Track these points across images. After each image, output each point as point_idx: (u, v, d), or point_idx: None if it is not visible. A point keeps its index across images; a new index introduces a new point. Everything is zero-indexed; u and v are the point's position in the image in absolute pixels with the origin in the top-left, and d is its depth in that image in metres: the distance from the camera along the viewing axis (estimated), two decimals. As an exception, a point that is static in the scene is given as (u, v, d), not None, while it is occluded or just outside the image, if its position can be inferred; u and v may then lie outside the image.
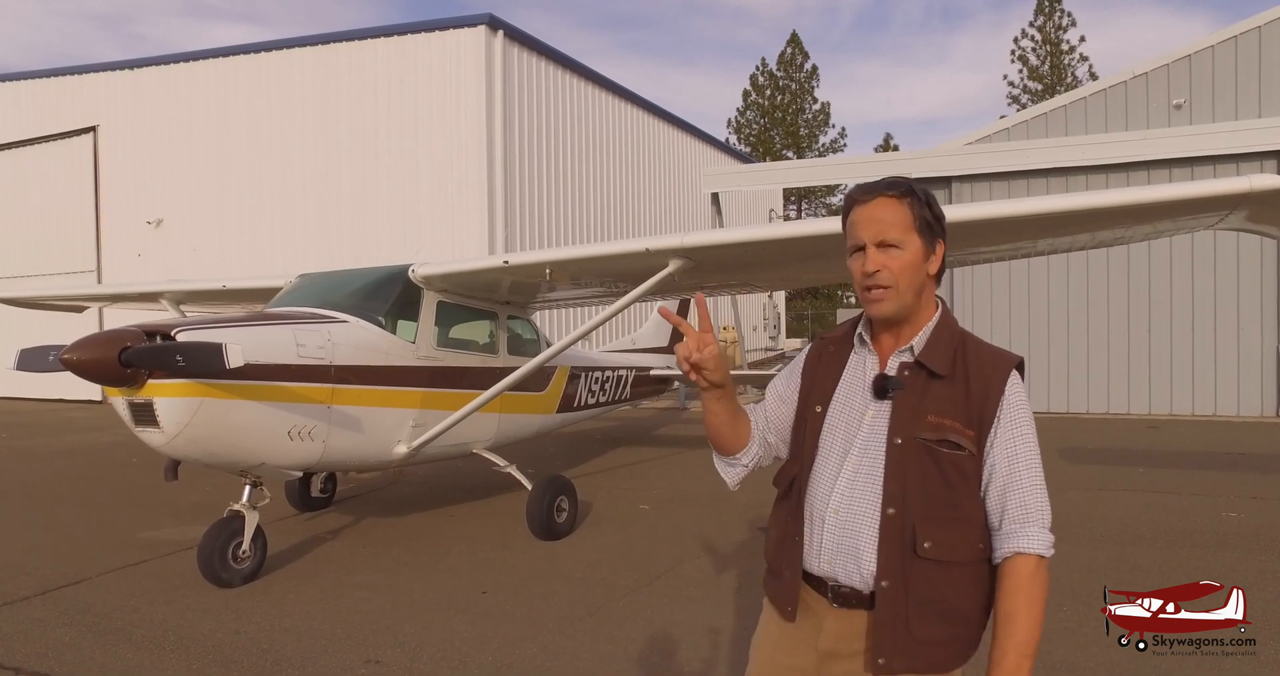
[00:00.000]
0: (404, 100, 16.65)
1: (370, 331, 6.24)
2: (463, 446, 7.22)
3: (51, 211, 21.58)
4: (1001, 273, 14.79)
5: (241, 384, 5.30)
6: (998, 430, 1.78)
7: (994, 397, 1.78)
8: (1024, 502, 1.75)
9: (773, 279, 7.55)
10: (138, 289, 8.60)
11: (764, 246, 5.47)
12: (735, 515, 7.48)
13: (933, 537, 1.75)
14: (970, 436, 1.77)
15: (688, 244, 5.50)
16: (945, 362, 1.83)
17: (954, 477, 1.76)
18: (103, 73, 20.88)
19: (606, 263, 5.96)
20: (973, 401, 1.78)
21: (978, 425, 1.78)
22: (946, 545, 1.75)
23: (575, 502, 7.14)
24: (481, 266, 6.27)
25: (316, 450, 5.83)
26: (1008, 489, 1.76)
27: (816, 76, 54.47)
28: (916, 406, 1.80)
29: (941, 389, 1.81)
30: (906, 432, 1.78)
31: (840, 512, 1.83)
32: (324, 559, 6.49)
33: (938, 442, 1.76)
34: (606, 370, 10.08)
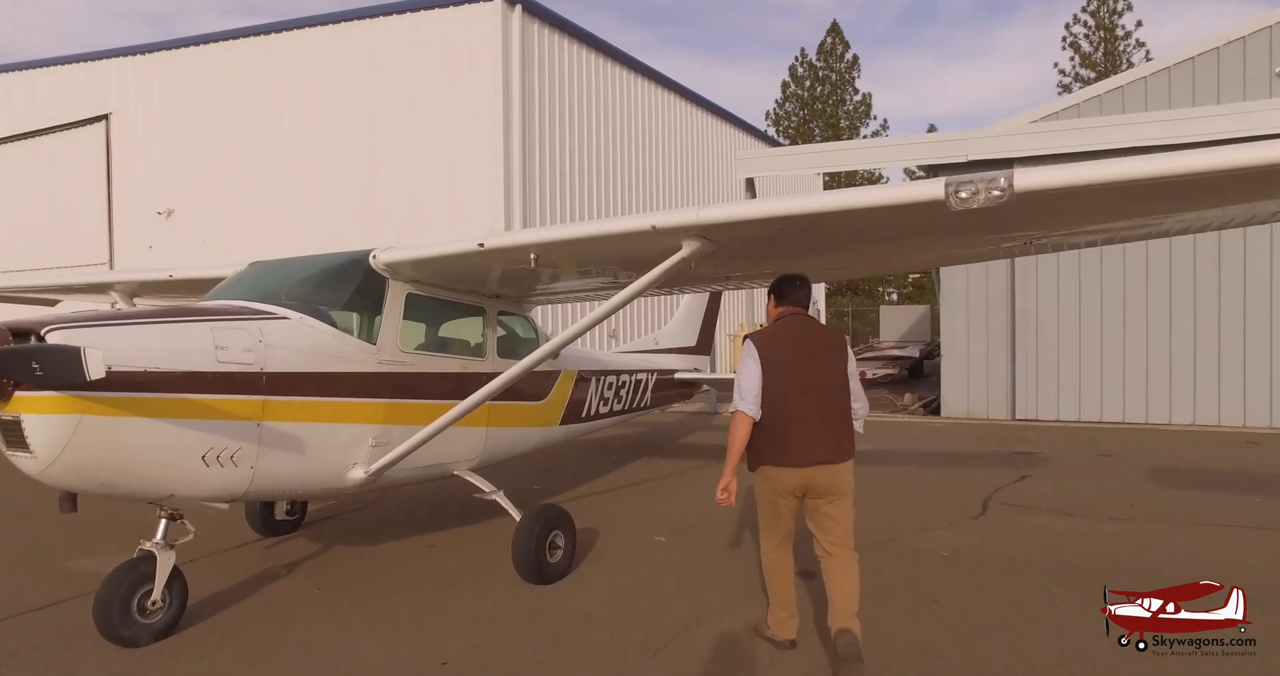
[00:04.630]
0: (416, 80, 15.62)
1: (317, 330, 5.08)
2: (440, 467, 6.05)
3: (64, 203, 20.95)
4: (1069, 266, 13.26)
5: (135, 397, 4.17)
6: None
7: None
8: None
9: (813, 268, 6.23)
10: (86, 279, 7.58)
11: (799, 223, 4.19)
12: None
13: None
14: None
15: (704, 220, 4.24)
16: None
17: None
18: (115, 59, 20.16)
19: (604, 245, 4.74)
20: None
21: None
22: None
23: (573, 537, 5.93)
24: (453, 250, 5.08)
25: (242, 477, 4.68)
26: None
27: (858, 67, 52.70)
28: None
29: None
30: None
31: None
32: (265, 605, 5.36)
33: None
34: (622, 374, 8.86)
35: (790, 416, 4.11)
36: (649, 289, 4.75)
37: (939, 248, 5.17)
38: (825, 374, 4.20)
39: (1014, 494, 8.33)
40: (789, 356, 4.17)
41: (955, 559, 6.12)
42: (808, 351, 4.20)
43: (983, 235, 4.66)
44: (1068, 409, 13.61)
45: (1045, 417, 13.78)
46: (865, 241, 4.98)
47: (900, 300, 48.53)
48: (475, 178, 14.95)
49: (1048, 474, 9.43)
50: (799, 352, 4.19)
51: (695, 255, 4.50)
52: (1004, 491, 8.44)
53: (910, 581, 5.59)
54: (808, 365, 4.18)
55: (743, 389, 4.12)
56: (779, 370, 4.13)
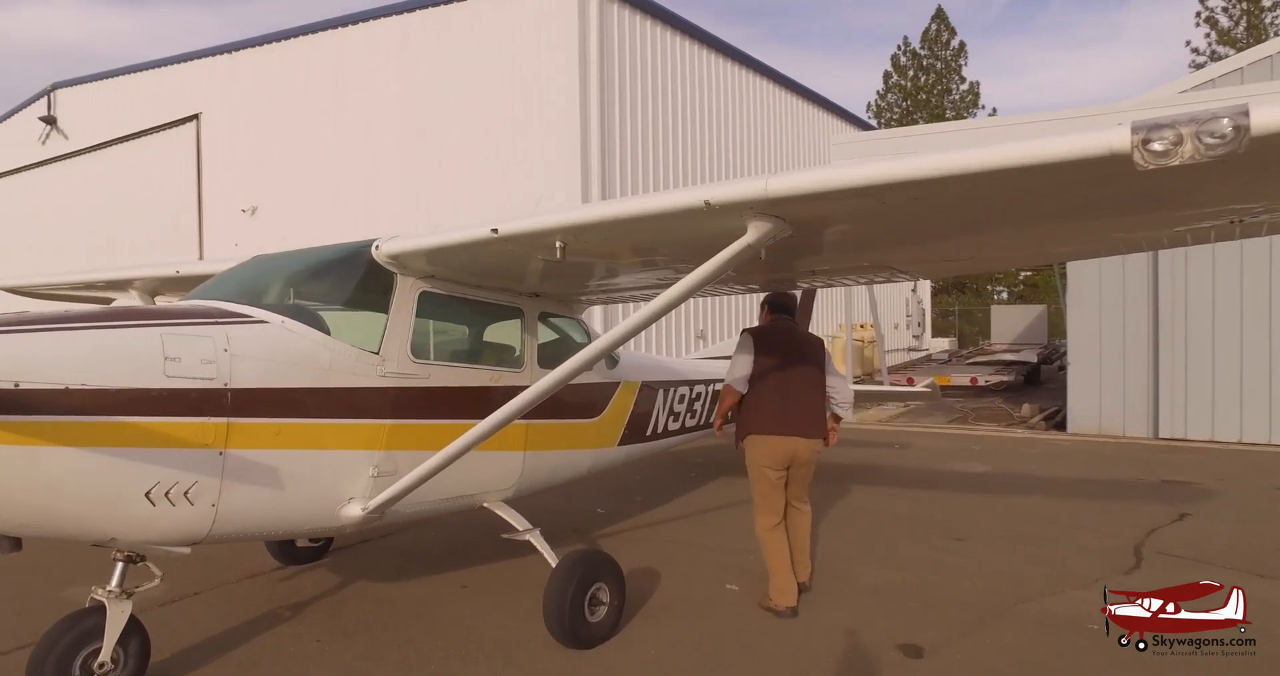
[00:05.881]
0: (489, 67, 14.86)
1: (301, 337, 4.15)
2: (465, 499, 5.06)
3: (158, 202, 21.24)
4: (1229, 254, 11.35)
5: (51, 422, 3.32)
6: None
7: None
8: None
9: (921, 261, 4.95)
10: (105, 275, 6.99)
11: (906, 193, 2.98)
12: (859, 608, 5.00)
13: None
14: None
15: (775, 193, 3.07)
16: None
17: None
18: (205, 59, 20.27)
19: (648, 230, 3.63)
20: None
21: None
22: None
23: (621, 591, 4.85)
24: (464, 238, 4.06)
25: (201, 517, 3.79)
26: None
27: (964, 54, 49.72)
28: None
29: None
30: None
31: None
32: (250, 660, 4.50)
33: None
34: (696, 384, 7.71)
35: (777, 395, 5.13)
36: (702, 287, 3.61)
37: (1101, 230, 3.81)
38: (805, 367, 5.24)
39: (1174, 539, 6.77)
40: (779, 349, 5.23)
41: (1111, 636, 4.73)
42: (793, 347, 5.30)
43: (1174, 210, 3.32)
44: (1226, 427, 11.63)
45: (1197, 437, 11.83)
46: (997, 223, 3.70)
47: (1011, 299, 45.45)
48: (552, 165, 14.08)
49: (1214, 512, 7.76)
50: (786, 348, 5.26)
51: (765, 240, 3.33)
52: (1160, 535, 6.89)
53: (1049, 670, 4.27)
54: (792, 358, 5.22)
55: (735, 371, 5.20)
56: (769, 359, 5.18)
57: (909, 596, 5.42)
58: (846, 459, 11.30)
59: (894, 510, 8.00)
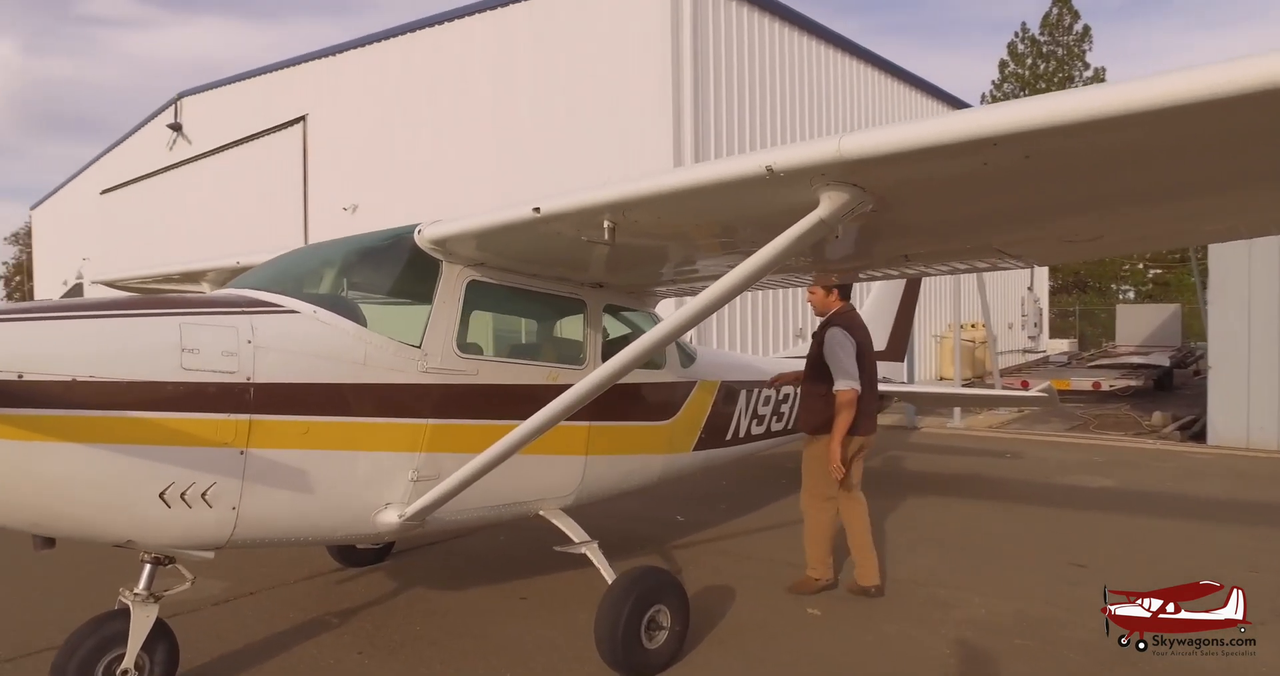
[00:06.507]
0: (582, 60, 14.56)
1: (334, 328, 3.83)
2: (518, 506, 4.66)
3: (269, 202, 21.99)
4: None
5: (56, 415, 3.08)
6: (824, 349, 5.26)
7: (822, 337, 5.31)
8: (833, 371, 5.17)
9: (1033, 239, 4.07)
10: (179, 268, 6.96)
11: (1021, 148, 2.35)
12: (962, 643, 4.32)
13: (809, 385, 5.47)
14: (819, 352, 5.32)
15: (849, 154, 2.48)
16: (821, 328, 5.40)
17: (816, 366, 5.39)
18: (312, 61, 20.85)
19: (705, 204, 3.10)
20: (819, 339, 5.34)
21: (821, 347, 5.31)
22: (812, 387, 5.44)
23: (684, 614, 4.36)
24: (507, 218, 3.64)
25: (221, 521, 3.51)
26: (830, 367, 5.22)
27: (1089, 39, 46.55)
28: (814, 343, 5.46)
29: (818, 336, 5.37)
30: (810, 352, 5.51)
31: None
32: (285, 671, 4.23)
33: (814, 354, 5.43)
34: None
35: (869, 395, 5.37)
36: (768, 271, 3.06)
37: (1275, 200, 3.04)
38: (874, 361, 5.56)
39: (1346, 575, 5.78)
40: (866, 344, 5.44)
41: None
42: (868, 338, 5.53)
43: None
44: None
45: (1365, 454, 10.41)
46: (1137, 191, 2.99)
47: (1139, 298, 42.29)
48: (645, 158, 13.66)
49: (1395, 544, 6.65)
50: (866, 340, 5.48)
51: (840, 214, 2.76)
52: (1329, 570, 5.90)
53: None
54: (869, 351, 5.47)
55: (851, 370, 5.25)
56: (866, 357, 5.39)
57: (1020, 632, 4.71)
58: (950, 468, 10.43)
59: (1004, 529, 7.18)
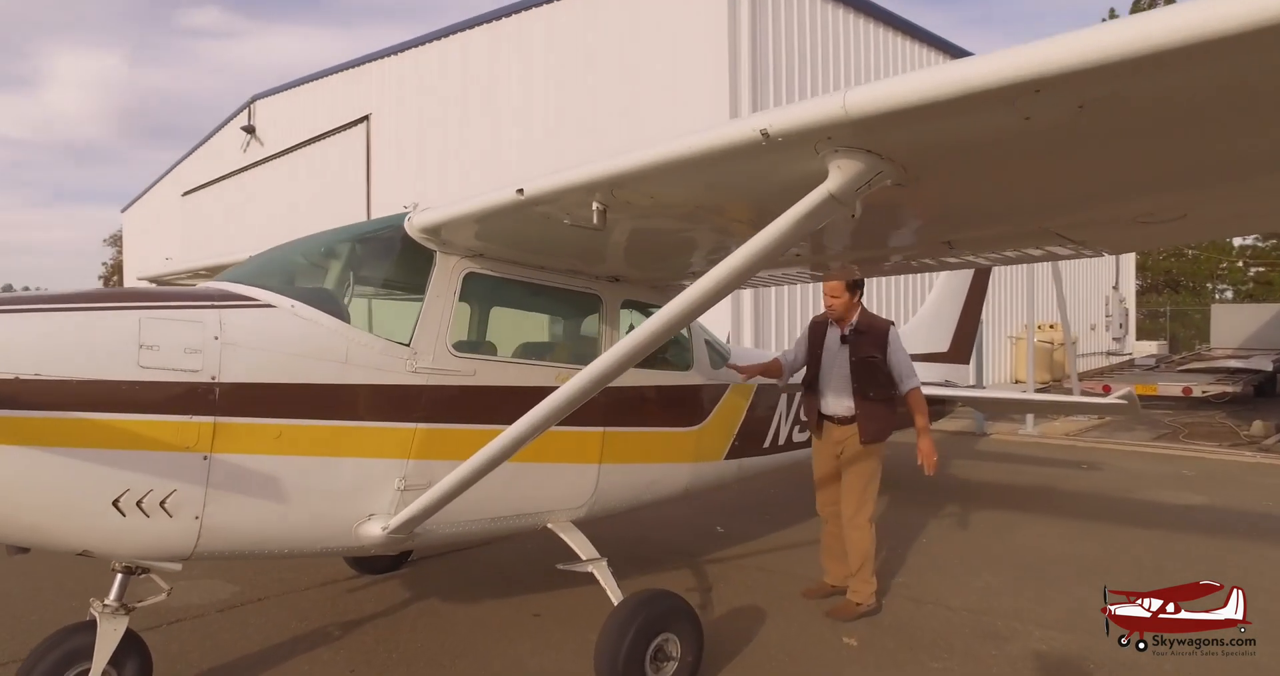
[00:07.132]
0: (638, 55, 14.20)
1: (313, 324, 3.54)
2: (523, 519, 4.31)
3: (335, 200, 22.28)
4: None
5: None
6: (889, 352, 5.08)
7: (883, 339, 5.09)
8: (902, 372, 5.10)
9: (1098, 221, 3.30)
10: (213, 262, 6.85)
11: (1062, 95, 1.85)
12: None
13: (871, 391, 5.01)
14: (880, 355, 5.05)
15: (856, 111, 1.99)
16: (863, 330, 5.09)
17: (875, 369, 5.04)
18: (375, 61, 21.04)
19: (702, 179, 2.68)
20: (876, 341, 5.07)
21: (881, 350, 5.05)
22: (876, 392, 5.02)
23: (697, 643, 3.95)
24: (490, 203, 3.29)
25: (184, 531, 3.25)
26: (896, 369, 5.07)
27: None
28: (855, 346, 5.05)
29: (861, 339, 5.07)
30: (856, 356, 5.04)
31: (833, 387, 5.12)
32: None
33: (867, 358, 5.04)
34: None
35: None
36: (773, 254, 2.60)
37: None
38: None
39: None
40: None
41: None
42: None
43: None
44: None
45: None
46: (1244, 160, 2.43)
47: (1238, 298, 39.70)
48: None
49: None
50: None
51: (853, 187, 2.30)
52: None
53: None
54: None
55: (914, 370, 5.30)
56: None
57: (1089, 671, 4.14)
58: (1019, 479, 9.69)
59: (1076, 550, 6.50)
